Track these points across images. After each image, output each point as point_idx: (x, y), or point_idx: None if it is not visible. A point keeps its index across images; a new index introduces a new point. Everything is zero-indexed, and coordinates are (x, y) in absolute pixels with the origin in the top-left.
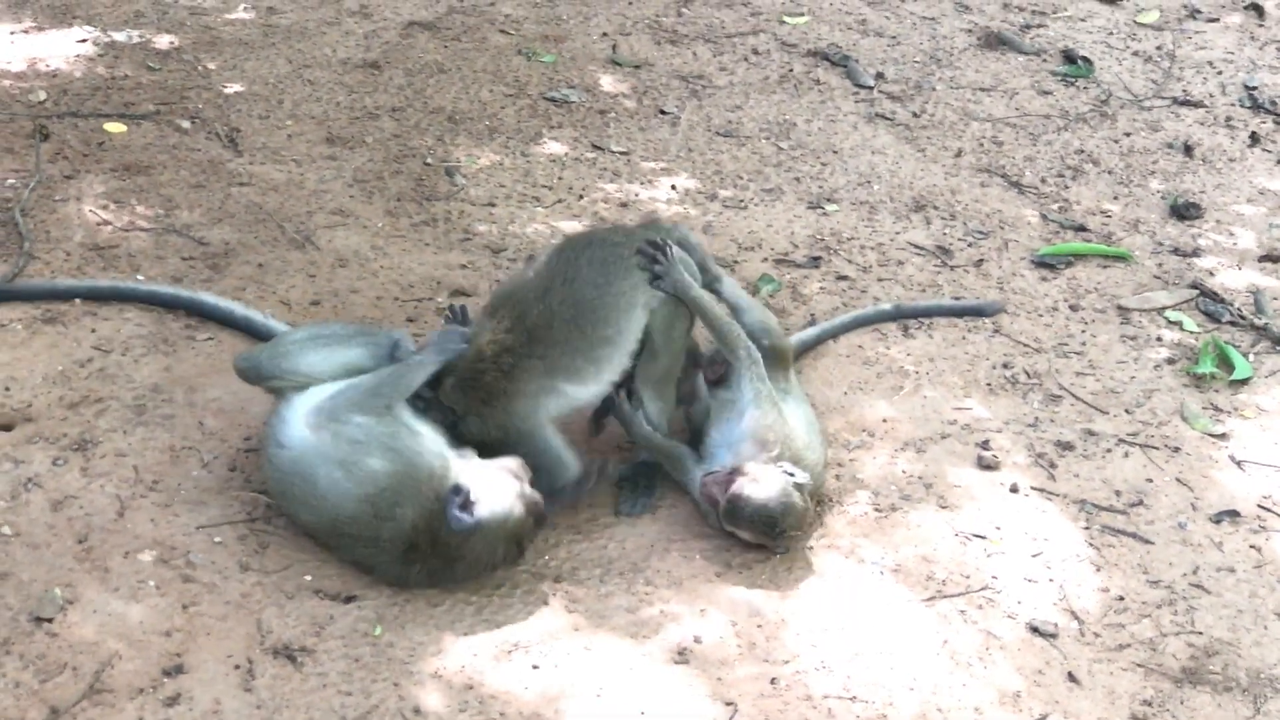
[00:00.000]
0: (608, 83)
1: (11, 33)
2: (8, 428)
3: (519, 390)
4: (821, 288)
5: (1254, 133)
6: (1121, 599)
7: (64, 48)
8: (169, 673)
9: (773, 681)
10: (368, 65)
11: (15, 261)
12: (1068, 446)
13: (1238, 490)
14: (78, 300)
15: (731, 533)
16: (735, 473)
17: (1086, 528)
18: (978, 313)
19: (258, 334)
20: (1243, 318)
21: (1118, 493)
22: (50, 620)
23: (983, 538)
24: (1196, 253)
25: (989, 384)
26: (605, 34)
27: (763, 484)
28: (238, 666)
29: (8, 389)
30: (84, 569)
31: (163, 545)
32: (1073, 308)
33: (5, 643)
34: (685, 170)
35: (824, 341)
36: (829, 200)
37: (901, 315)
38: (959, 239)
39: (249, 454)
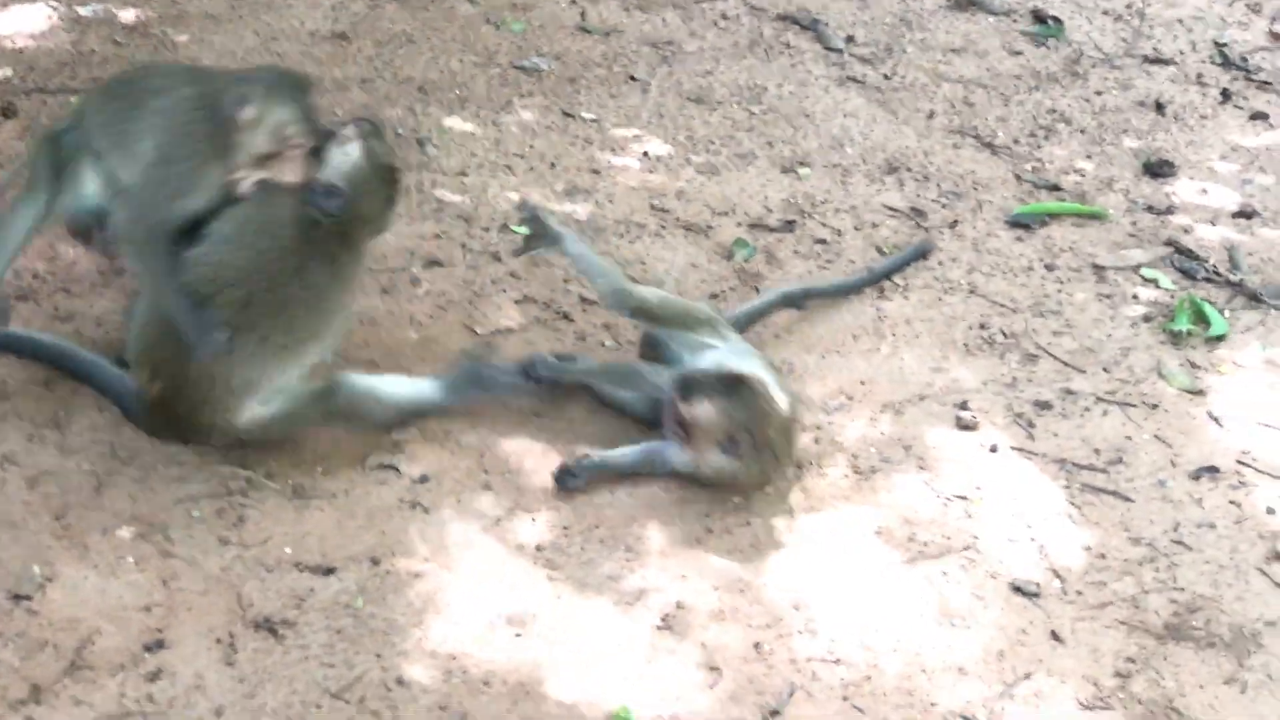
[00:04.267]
0: (577, 50)
1: None
2: None
3: None
4: (796, 251)
5: (1225, 89)
6: (1103, 557)
7: (29, 23)
8: (150, 648)
9: (756, 646)
10: (335, 36)
11: None
12: (1046, 406)
13: (1216, 446)
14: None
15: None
16: None
17: (1067, 486)
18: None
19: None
20: (1218, 274)
21: (1097, 451)
22: (29, 598)
23: (963, 498)
24: (1171, 210)
25: (966, 344)
26: (574, 1)
27: None
28: (219, 640)
29: None
30: (62, 546)
31: (141, 520)
32: (1048, 267)
33: None
34: (657, 136)
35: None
36: (802, 164)
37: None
38: (933, 200)
39: None
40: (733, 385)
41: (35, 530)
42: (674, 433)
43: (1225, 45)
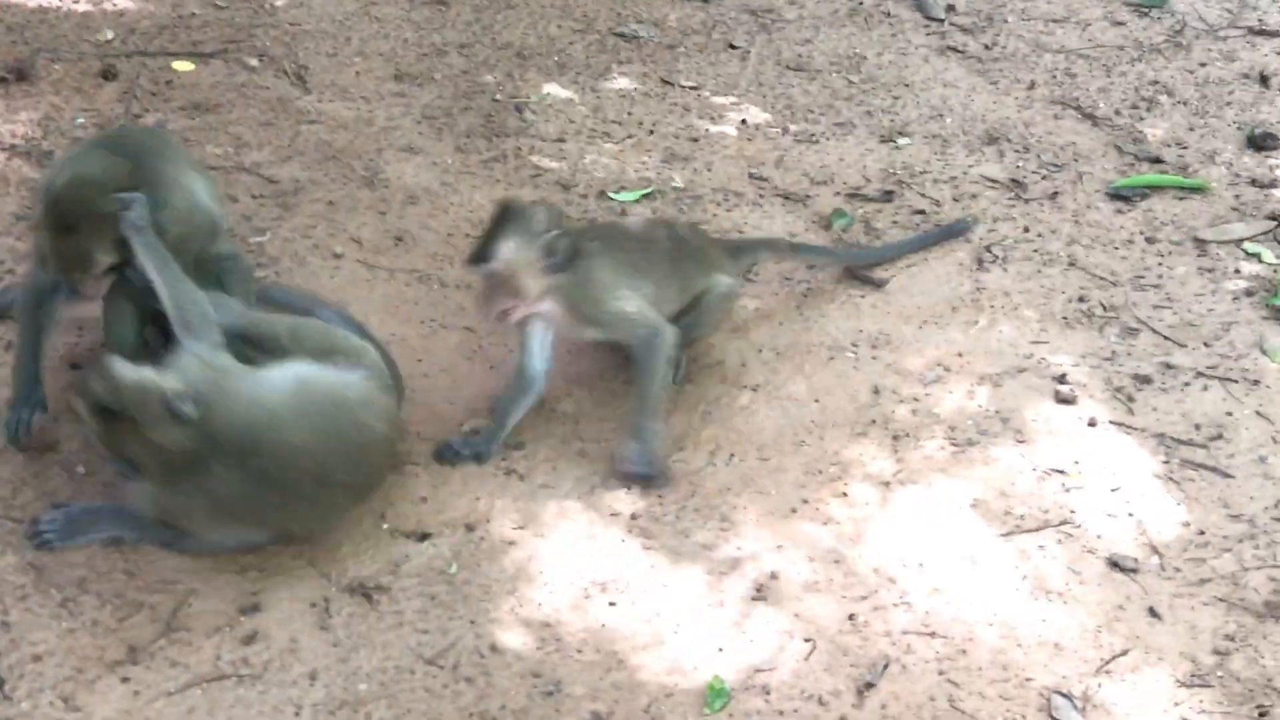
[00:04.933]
0: (676, 17)
1: None
2: (79, 367)
3: None
4: (895, 221)
5: None
6: (1202, 533)
7: None
8: (245, 611)
9: (851, 617)
10: (435, 2)
11: None
12: (1146, 380)
13: None
14: None
15: None
16: None
17: (1166, 462)
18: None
19: None
20: None
21: (1197, 426)
22: (125, 560)
23: (1061, 472)
24: (1274, 183)
25: (1065, 317)
26: None
27: None
28: (314, 605)
29: (80, 330)
30: None
31: None
32: (1149, 240)
33: (82, 582)
34: (756, 104)
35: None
36: (901, 134)
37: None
38: (1033, 172)
39: None
40: (496, 218)
41: None
42: (505, 311)
43: None
